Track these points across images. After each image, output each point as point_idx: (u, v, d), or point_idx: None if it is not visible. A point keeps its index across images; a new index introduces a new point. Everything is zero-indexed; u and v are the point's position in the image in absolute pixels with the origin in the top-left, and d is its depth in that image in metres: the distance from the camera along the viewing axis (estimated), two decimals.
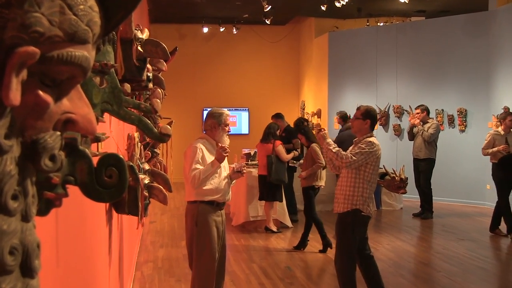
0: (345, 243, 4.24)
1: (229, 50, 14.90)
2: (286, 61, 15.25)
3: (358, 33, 12.22)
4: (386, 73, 11.69)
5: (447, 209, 9.86)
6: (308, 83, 14.43)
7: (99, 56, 1.56)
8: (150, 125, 1.68)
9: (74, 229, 1.78)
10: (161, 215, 9.13)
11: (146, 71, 2.24)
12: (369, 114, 4.30)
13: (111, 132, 2.86)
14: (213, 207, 4.01)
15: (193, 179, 3.89)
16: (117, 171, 1.02)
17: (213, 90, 14.69)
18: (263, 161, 7.58)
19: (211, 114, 4.09)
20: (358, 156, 4.18)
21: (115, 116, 1.67)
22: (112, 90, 1.62)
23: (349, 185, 4.23)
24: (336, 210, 4.31)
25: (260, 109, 14.73)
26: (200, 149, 3.95)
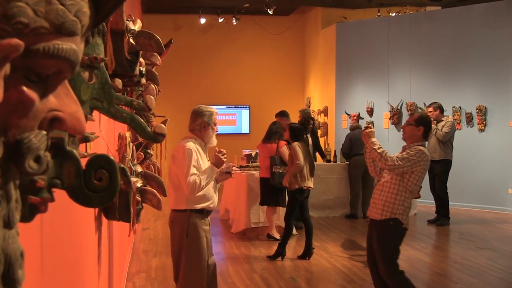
0: (390, 256, 4.27)
1: (229, 43, 14.91)
2: (290, 54, 15.26)
3: (368, 24, 12.22)
4: (398, 67, 11.69)
5: (465, 215, 9.85)
6: (314, 79, 14.43)
7: (88, 49, 1.56)
8: (143, 124, 1.68)
9: (60, 237, 1.78)
10: (155, 221, 9.14)
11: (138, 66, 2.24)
12: (423, 121, 4.35)
13: (100, 131, 2.86)
14: (203, 216, 4.02)
15: (193, 186, 3.86)
16: (107, 173, 1.02)
17: (211, 86, 14.70)
18: (265, 163, 7.58)
19: (200, 112, 4.09)
20: (404, 162, 4.20)
21: (105, 114, 1.67)
22: (102, 86, 1.63)
23: (391, 192, 4.25)
24: (373, 216, 4.33)
25: (262, 106, 14.74)
26: (195, 151, 3.95)
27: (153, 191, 3.07)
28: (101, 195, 1.01)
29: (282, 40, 15.03)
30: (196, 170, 3.91)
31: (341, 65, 12.41)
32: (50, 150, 0.73)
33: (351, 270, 6.20)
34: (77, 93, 1.52)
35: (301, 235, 8.02)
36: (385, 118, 11.89)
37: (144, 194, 3.02)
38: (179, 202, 3.97)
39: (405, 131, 4.41)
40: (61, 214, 1.74)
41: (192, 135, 4.07)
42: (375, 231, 4.32)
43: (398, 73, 11.71)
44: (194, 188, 3.87)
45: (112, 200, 1.04)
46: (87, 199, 0.99)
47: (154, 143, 2.79)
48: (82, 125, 0.73)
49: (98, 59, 1.50)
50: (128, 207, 2.67)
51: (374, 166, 4.48)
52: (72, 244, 2.06)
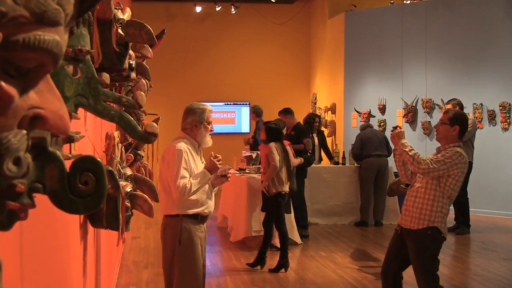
0: (429, 268, 4.27)
1: (227, 34, 14.92)
2: (295, 46, 15.26)
3: (381, 12, 12.22)
4: (413, 60, 11.69)
5: (487, 223, 9.84)
6: (320, 73, 14.43)
7: (72, 41, 1.57)
8: (133, 122, 1.68)
9: (42, 247, 1.78)
10: (146, 230, 9.14)
11: (128, 58, 2.24)
12: (458, 120, 4.34)
13: (86, 130, 2.86)
14: (197, 221, 4.03)
15: (182, 190, 3.87)
16: (94, 177, 1.02)
17: (208, 81, 14.71)
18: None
19: (191, 110, 4.10)
20: (439, 164, 4.18)
21: (92, 112, 1.67)
22: (88, 81, 1.63)
23: (427, 198, 4.25)
24: (407, 225, 4.32)
25: (264, 103, 14.70)
26: (185, 151, 3.95)
27: (144, 196, 3.07)
28: (87, 200, 1.01)
29: (286, 31, 15.03)
30: (186, 173, 3.91)
31: (350, 58, 12.42)
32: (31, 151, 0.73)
33: (361, 282, 6.20)
34: (61, 89, 1.53)
35: (306, 244, 8.02)
36: (399, 116, 11.89)
37: (134, 200, 3.02)
38: (170, 206, 3.99)
39: (439, 131, 4.40)
40: (43, 222, 1.75)
41: (185, 135, 4.08)
42: (411, 242, 4.31)
43: (413, 66, 11.71)
44: (183, 193, 3.88)
45: (99, 206, 1.04)
46: (72, 205, 1.00)
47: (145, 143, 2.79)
48: (66, 124, 0.73)
49: (83, 51, 1.50)
50: (117, 214, 2.67)
51: (405, 170, 4.48)
52: (55, 254, 2.06)
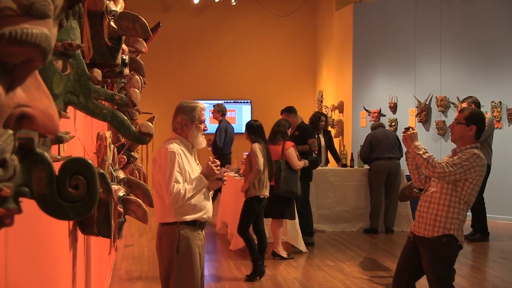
0: (445, 277, 4.27)
1: (227, 26, 14.93)
2: (299, 40, 15.27)
3: (392, 4, 12.22)
4: (427, 55, 11.68)
5: (506, 230, 9.83)
6: (327, 69, 14.43)
7: (62, 34, 1.57)
8: (127, 122, 1.68)
9: (28, 255, 1.79)
10: (139, 237, 9.14)
11: (120, 53, 2.24)
12: (475, 119, 4.32)
13: (76, 130, 2.87)
14: (195, 228, 4.03)
15: (176, 196, 3.87)
16: (84, 180, 1.02)
17: (206, 78, 14.72)
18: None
19: (181, 108, 4.11)
20: (456, 168, 4.17)
21: (82, 110, 1.67)
22: (78, 78, 1.63)
23: (443, 204, 4.25)
24: (420, 233, 4.32)
25: (266, 101, 14.75)
26: (179, 154, 3.95)
27: (138, 201, 3.07)
28: (77, 205, 1.01)
29: (290, 23, 15.04)
30: (180, 177, 3.91)
31: (359, 53, 12.41)
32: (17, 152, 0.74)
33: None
34: (49, 86, 1.53)
35: (311, 253, 8.01)
36: (411, 115, 11.88)
37: (127, 205, 3.02)
38: (166, 213, 3.98)
39: (454, 131, 4.38)
40: (30, 228, 1.75)
41: (177, 136, 4.08)
42: (425, 250, 4.31)
43: (427, 62, 11.70)
44: (176, 199, 3.87)
45: (90, 211, 1.05)
46: (61, 210, 1.00)
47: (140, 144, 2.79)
48: (55, 123, 0.73)
49: (73, 45, 1.50)
50: (109, 220, 2.68)
51: (418, 173, 4.47)
52: (42, 263, 2.06)
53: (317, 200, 9.52)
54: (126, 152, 4.00)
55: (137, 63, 3.11)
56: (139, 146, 4.49)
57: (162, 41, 13.35)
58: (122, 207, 2.93)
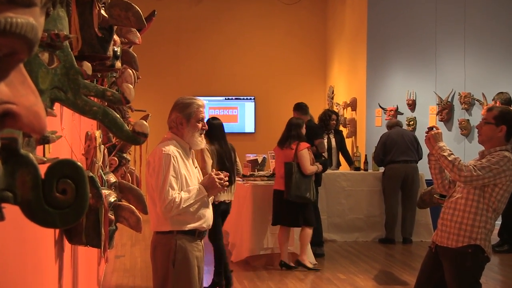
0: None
1: (228, 16, 14.93)
2: (308, 30, 15.25)
3: None
4: (449, 47, 11.66)
5: None
6: (338, 62, 14.43)
7: (48, 24, 1.57)
8: (120, 120, 1.68)
9: (10, 265, 1.79)
10: (132, 247, 9.14)
11: (112, 45, 2.25)
12: (505, 118, 4.29)
13: (62, 129, 2.87)
14: (194, 238, 4.03)
15: (169, 204, 3.85)
16: (73, 184, 1.02)
17: (205, 72, 14.72)
18: (281, 171, 7.60)
19: (175, 105, 4.11)
20: (484, 172, 4.15)
21: (70, 108, 1.67)
22: (66, 72, 1.63)
23: (469, 211, 4.23)
24: (443, 243, 4.31)
25: (271, 98, 14.75)
26: (174, 156, 3.94)
27: (131, 208, 3.07)
28: (65, 212, 1.01)
29: (297, 12, 15.04)
30: (175, 182, 3.89)
31: (374, 44, 12.39)
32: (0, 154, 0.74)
33: None
34: (34, 81, 1.53)
35: (321, 265, 8.01)
36: (431, 113, 11.87)
37: (118, 211, 3.02)
38: (162, 221, 3.97)
39: (482, 132, 4.36)
40: (12, 237, 1.75)
41: (173, 136, 4.07)
42: (448, 262, 4.30)
43: (449, 54, 11.68)
44: (170, 207, 3.85)
45: (79, 219, 1.05)
46: (47, 217, 1.00)
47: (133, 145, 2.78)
48: (41, 122, 0.73)
49: (61, 36, 1.51)
50: (98, 228, 2.68)
51: (442, 178, 4.45)
52: (25, 275, 2.07)
53: (327, 207, 9.51)
54: (118, 153, 4.00)
55: (130, 56, 3.11)
56: (131, 147, 4.49)
57: (158, 31, 13.36)
58: (113, 214, 2.94)
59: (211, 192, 4.02)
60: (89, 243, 2.71)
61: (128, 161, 4.19)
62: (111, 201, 2.94)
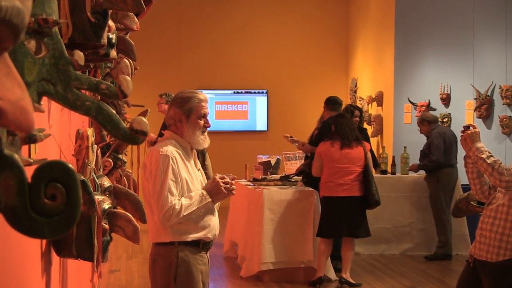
0: None
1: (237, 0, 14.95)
2: (328, 16, 15.24)
3: None
4: (489, 36, 11.61)
5: None
6: (362, 52, 14.40)
7: (35, 8, 1.57)
8: (116, 116, 1.68)
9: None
10: (128, 260, 9.16)
11: (106, 31, 2.25)
12: None
13: (50, 127, 2.88)
14: (198, 250, 4.02)
15: (168, 212, 3.83)
16: (63, 189, 1.02)
17: (211, 62, 14.72)
18: (345, 174, 7.75)
19: (174, 100, 4.10)
20: None
21: (60, 102, 1.67)
22: (56, 62, 1.63)
23: (511, 220, 4.23)
24: (484, 257, 4.31)
25: (285, 91, 14.73)
26: (173, 158, 3.93)
27: (127, 216, 3.08)
28: (55, 220, 1.01)
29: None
30: (174, 187, 3.88)
31: (403, 31, 12.35)
32: None
33: None
34: (20, 72, 1.53)
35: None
36: (468, 109, 11.82)
37: (113, 220, 3.03)
38: (161, 231, 3.97)
39: None
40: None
41: (172, 134, 4.06)
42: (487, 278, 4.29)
43: (489, 44, 11.63)
44: (168, 215, 3.83)
45: (70, 228, 1.05)
46: (34, 226, 1.00)
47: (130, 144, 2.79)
48: (29, 119, 0.74)
49: (49, 21, 1.51)
50: (91, 239, 2.69)
51: (480, 183, 4.43)
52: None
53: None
54: (112, 154, 4.01)
55: (127, 44, 3.12)
56: (128, 147, 4.51)
57: (158, 16, 13.39)
58: (107, 222, 2.94)
59: (216, 198, 4.00)
60: (80, 256, 2.72)
61: (124, 163, 4.20)
62: (105, 208, 2.95)
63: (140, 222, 3.19)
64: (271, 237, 7.93)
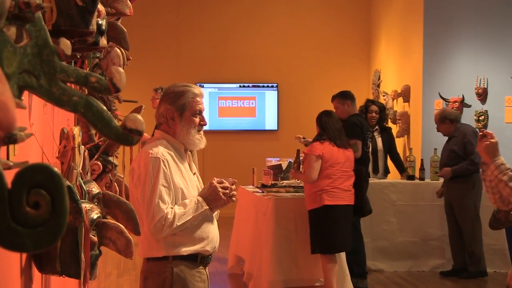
0: None
1: None
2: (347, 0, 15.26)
3: None
4: None
5: None
6: (386, 40, 14.39)
7: None
8: (107, 113, 1.68)
9: None
10: (119, 278, 9.18)
11: (95, 17, 2.26)
12: None
13: (32, 125, 2.89)
14: (195, 265, 4.03)
15: (159, 223, 3.82)
16: (48, 196, 1.02)
17: (213, 52, 14.74)
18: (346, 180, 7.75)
19: (165, 95, 4.12)
20: None
21: (44, 97, 1.68)
22: (39, 51, 1.64)
23: None
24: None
25: (298, 85, 14.73)
26: (164, 160, 3.92)
27: (119, 227, 3.08)
28: (38, 231, 1.02)
29: None
30: (166, 194, 3.88)
31: (434, 18, 12.35)
32: None
33: None
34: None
35: None
36: (508, 106, 11.80)
37: (103, 231, 3.03)
38: (154, 245, 3.97)
39: None
40: None
41: (163, 134, 4.07)
42: None
43: None
44: (160, 226, 3.82)
45: (56, 240, 1.05)
46: (15, 238, 1.00)
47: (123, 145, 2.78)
48: (10, 116, 0.74)
49: (31, 5, 1.52)
50: (77, 253, 2.69)
51: (500, 193, 4.42)
52: None
53: (371, 227, 9.47)
54: (102, 156, 4.02)
55: (118, 31, 3.13)
56: (119, 148, 4.51)
57: (152, 1, 13.43)
58: (96, 234, 2.94)
59: (214, 205, 4.00)
60: (65, 272, 2.72)
61: (115, 166, 4.20)
62: (94, 218, 2.95)
63: (133, 234, 3.19)
64: (281, 252, 7.93)
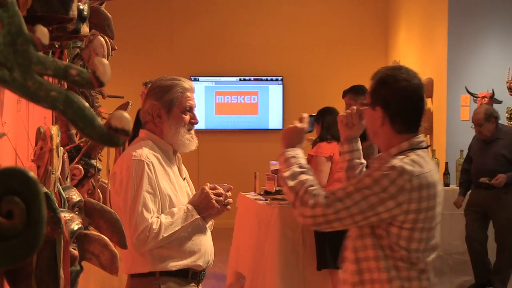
0: None
1: None
2: None
3: None
4: None
5: None
6: (406, 30, 14.42)
7: None
8: (90, 111, 1.68)
9: None
10: None
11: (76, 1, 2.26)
12: (380, 93, 4.11)
13: (3, 124, 2.90)
14: (186, 281, 4.03)
15: (143, 234, 3.79)
16: (23, 204, 1.03)
17: (210, 42, 14.76)
18: None
19: (151, 89, 4.13)
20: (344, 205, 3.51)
21: (17, 92, 1.68)
22: (12, 40, 1.64)
23: None
24: None
25: (306, 79, 14.75)
26: (149, 163, 3.92)
27: (103, 239, 3.09)
28: (12, 244, 1.02)
29: None
30: (151, 202, 3.86)
31: (459, 4, 12.37)
32: None
33: None
34: None
35: None
36: None
37: (85, 244, 3.04)
38: (139, 259, 3.96)
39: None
40: None
41: (148, 134, 4.07)
42: None
43: None
44: (144, 238, 3.80)
45: (32, 254, 1.05)
46: None
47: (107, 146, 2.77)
48: None
49: None
50: (55, 269, 2.69)
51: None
52: None
53: None
54: (83, 159, 4.03)
55: (102, 17, 3.13)
56: (103, 150, 4.52)
57: None
58: (76, 248, 2.95)
59: (206, 213, 4.01)
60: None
61: (99, 170, 4.21)
62: (74, 229, 2.96)
63: (119, 247, 3.19)
64: (287, 267, 7.95)
